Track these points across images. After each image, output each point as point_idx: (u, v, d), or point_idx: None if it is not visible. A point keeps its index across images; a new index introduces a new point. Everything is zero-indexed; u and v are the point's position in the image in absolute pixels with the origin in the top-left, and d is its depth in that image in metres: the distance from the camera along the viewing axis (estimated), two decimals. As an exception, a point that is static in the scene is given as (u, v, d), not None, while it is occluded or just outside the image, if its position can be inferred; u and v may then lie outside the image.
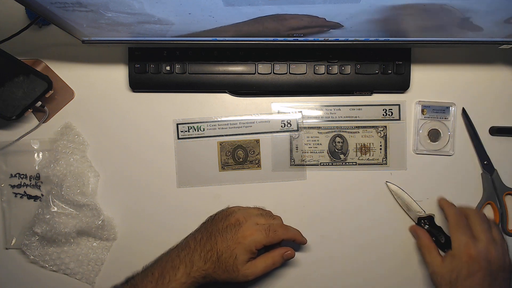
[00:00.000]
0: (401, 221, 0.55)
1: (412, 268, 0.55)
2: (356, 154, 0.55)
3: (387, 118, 0.55)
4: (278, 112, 0.56)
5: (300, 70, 0.53)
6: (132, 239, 0.56)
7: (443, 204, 0.52)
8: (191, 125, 0.56)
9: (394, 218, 0.55)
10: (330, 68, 0.53)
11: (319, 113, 0.56)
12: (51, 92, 0.52)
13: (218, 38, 0.46)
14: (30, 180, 0.55)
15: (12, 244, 0.55)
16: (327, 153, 0.55)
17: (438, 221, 0.54)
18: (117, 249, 0.56)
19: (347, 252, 0.56)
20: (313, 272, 0.56)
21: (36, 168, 0.55)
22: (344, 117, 0.55)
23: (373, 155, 0.55)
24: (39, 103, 0.53)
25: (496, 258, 0.46)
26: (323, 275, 0.55)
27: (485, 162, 0.54)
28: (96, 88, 0.56)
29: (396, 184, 0.55)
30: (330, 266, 0.55)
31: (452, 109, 0.55)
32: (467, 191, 0.55)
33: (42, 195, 0.55)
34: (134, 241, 0.56)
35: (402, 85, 0.54)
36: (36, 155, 0.55)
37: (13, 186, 0.55)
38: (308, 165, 0.56)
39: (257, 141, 0.56)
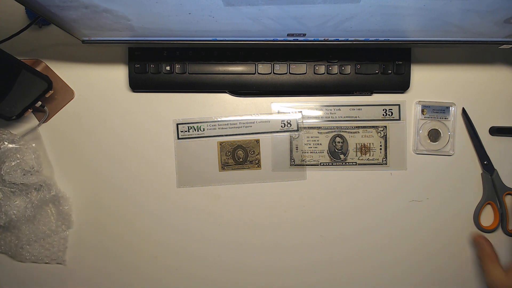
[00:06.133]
0: (401, 221, 0.55)
1: (414, 269, 0.55)
2: (356, 154, 0.55)
3: (387, 118, 0.55)
4: (278, 112, 0.56)
5: (300, 70, 0.53)
6: (133, 238, 0.56)
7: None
8: (191, 125, 0.56)
9: (395, 218, 0.55)
10: (330, 68, 0.53)
11: (319, 113, 0.56)
12: (51, 92, 0.52)
13: (218, 38, 0.46)
14: None
15: None
16: (327, 153, 0.55)
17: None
18: (118, 249, 0.56)
19: (347, 252, 0.56)
20: (313, 272, 0.56)
21: None
22: (344, 117, 0.55)
23: (373, 155, 0.55)
24: (39, 103, 0.53)
25: None
26: (323, 275, 0.56)
27: (485, 162, 0.54)
28: (96, 88, 0.56)
29: (396, 183, 0.55)
30: (330, 266, 0.56)
31: (452, 109, 0.55)
32: (467, 191, 0.55)
33: None
34: (135, 241, 0.56)
35: (402, 85, 0.54)
36: None
37: None
38: (308, 165, 0.56)
39: (257, 141, 0.56)
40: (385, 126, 0.55)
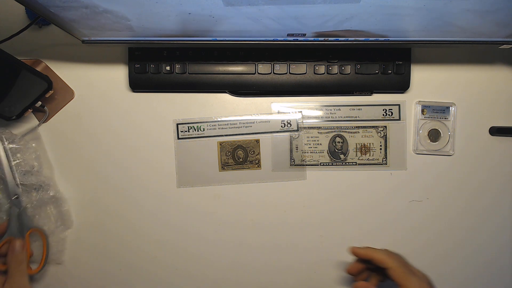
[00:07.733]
0: (401, 221, 0.55)
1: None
2: (356, 154, 0.55)
3: (387, 118, 0.55)
4: (278, 112, 0.56)
5: (300, 70, 0.53)
6: (133, 238, 0.56)
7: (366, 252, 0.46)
8: (191, 125, 0.56)
9: (395, 218, 0.55)
10: (330, 68, 0.53)
11: (319, 113, 0.56)
12: (51, 92, 0.52)
13: (218, 38, 0.46)
14: None
15: None
16: (327, 153, 0.55)
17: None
18: (117, 249, 0.56)
19: (347, 252, 0.56)
20: (312, 272, 0.56)
21: None
22: (344, 117, 0.55)
23: (373, 155, 0.55)
24: (39, 103, 0.53)
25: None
26: (323, 275, 0.56)
27: None
28: (96, 88, 0.56)
29: (394, 185, 0.55)
30: (330, 266, 0.56)
31: (452, 109, 0.55)
32: (467, 191, 0.55)
33: None
34: (135, 241, 0.56)
35: (402, 85, 0.54)
36: None
37: None
38: (308, 165, 0.55)
39: (257, 141, 0.56)
40: (385, 126, 0.55)
